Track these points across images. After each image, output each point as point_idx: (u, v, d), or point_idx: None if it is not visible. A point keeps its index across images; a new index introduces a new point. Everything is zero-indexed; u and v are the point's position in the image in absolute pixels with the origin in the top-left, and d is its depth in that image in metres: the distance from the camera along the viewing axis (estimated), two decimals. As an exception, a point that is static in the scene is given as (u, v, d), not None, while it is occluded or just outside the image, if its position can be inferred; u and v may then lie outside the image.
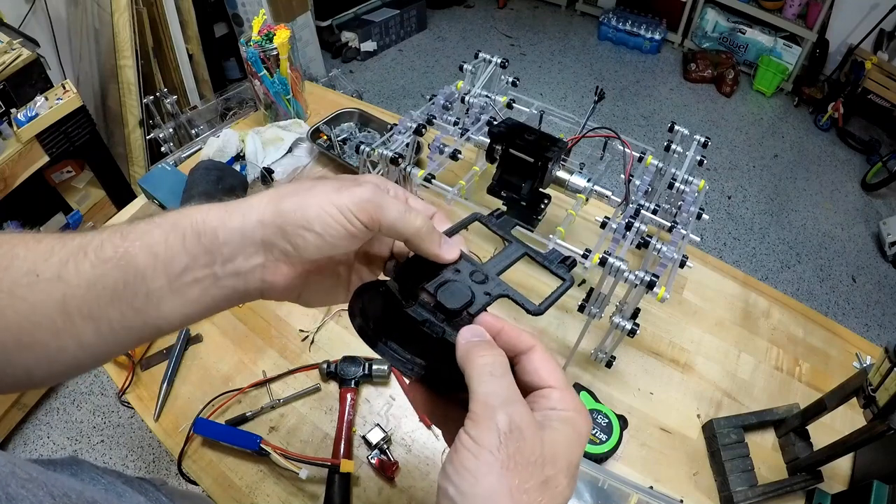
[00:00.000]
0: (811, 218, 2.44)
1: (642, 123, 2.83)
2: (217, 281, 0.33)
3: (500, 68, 0.93)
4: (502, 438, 0.26)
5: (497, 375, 0.28)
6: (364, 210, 0.32)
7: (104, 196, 1.78)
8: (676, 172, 0.78)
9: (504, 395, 0.27)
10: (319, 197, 0.32)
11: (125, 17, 1.70)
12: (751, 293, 0.94)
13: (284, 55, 1.07)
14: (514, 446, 0.25)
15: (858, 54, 2.73)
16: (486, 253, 0.95)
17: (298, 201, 0.32)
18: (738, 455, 0.71)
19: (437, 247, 0.34)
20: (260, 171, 1.00)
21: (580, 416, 0.29)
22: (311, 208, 0.32)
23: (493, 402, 0.27)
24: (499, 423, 0.26)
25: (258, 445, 0.68)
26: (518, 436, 0.26)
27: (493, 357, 0.29)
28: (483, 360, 0.29)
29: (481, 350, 0.29)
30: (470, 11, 3.62)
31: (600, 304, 0.72)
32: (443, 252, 0.34)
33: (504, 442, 0.25)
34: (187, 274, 0.32)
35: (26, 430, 1.58)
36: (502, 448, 0.25)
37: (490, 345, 0.30)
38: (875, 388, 0.59)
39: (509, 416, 0.26)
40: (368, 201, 0.32)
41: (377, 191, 0.33)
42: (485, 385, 0.28)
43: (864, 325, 2.05)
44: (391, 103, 2.84)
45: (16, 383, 0.32)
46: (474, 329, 0.31)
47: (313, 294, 0.37)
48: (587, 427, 0.30)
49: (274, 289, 0.35)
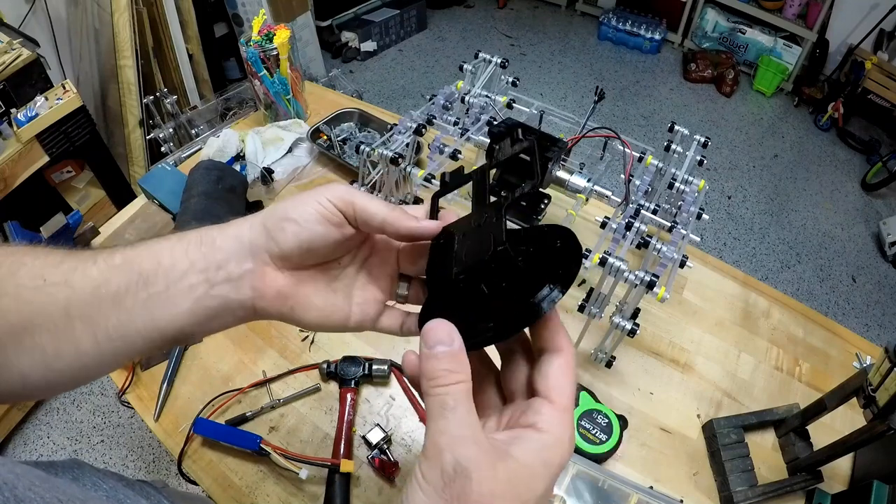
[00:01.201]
0: (811, 218, 2.44)
1: (642, 123, 2.83)
2: (211, 288, 0.33)
3: (500, 68, 0.93)
4: (446, 480, 0.25)
5: (449, 408, 0.27)
6: (339, 197, 0.33)
7: (104, 196, 1.78)
8: (676, 172, 0.78)
9: (453, 434, 0.26)
10: (300, 197, 0.34)
11: (125, 17, 1.70)
12: (751, 293, 0.94)
13: (284, 55, 1.07)
14: (458, 488, 0.25)
15: (858, 54, 2.73)
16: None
17: (281, 203, 0.35)
18: (738, 455, 0.71)
19: (413, 220, 0.34)
20: (260, 171, 1.00)
21: (559, 447, 0.28)
22: (289, 202, 0.34)
23: (441, 442, 0.26)
24: (444, 463, 0.25)
25: (258, 445, 0.68)
26: (463, 478, 0.25)
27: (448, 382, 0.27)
28: (436, 389, 0.27)
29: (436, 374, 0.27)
30: (470, 11, 3.62)
31: (600, 304, 0.72)
32: (421, 225, 0.34)
33: (447, 483, 0.25)
34: (184, 279, 0.33)
35: (26, 430, 1.58)
36: (446, 489, 0.25)
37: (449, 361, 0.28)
38: (875, 388, 0.59)
39: (455, 457, 0.25)
40: (344, 190, 0.34)
41: (351, 187, 0.35)
42: (435, 421, 0.27)
43: (864, 325, 2.05)
44: (391, 103, 2.84)
45: (10, 391, 0.33)
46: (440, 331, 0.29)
47: (307, 308, 0.36)
48: (563, 458, 0.28)
49: (264, 297, 0.34)
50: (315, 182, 1.08)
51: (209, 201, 0.88)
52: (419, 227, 0.34)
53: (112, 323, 0.32)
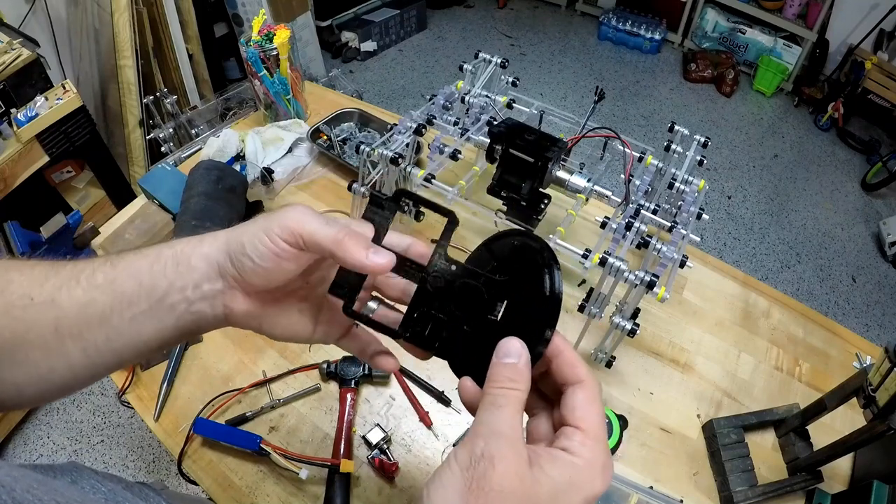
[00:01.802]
0: (811, 218, 2.44)
1: (642, 123, 2.83)
2: (190, 305, 0.35)
3: (500, 68, 0.93)
4: (473, 461, 0.27)
5: (499, 406, 0.29)
6: (286, 229, 0.32)
7: (104, 196, 1.78)
8: (676, 172, 0.78)
9: (494, 427, 0.28)
10: (256, 224, 0.33)
11: (125, 17, 1.70)
12: (751, 293, 0.94)
13: (284, 55, 1.07)
14: (480, 471, 0.26)
15: (858, 54, 2.73)
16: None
17: (241, 230, 0.34)
18: (738, 455, 0.71)
19: (361, 254, 0.32)
20: (260, 171, 1.00)
21: (590, 471, 0.28)
22: (246, 235, 0.33)
23: (481, 430, 0.28)
24: (474, 447, 0.27)
25: (258, 445, 0.68)
26: (487, 464, 0.27)
27: (506, 386, 0.30)
28: (493, 390, 0.30)
29: (498, 379, 0.30)
30: (470, 11, 3.62)
31: (600, 304, 0.72)
32: (369, 260, 0.32)
33: (473, 465, 0.27)
34: (166, 299, 0.34)
35: (26, 430, 1.58)
36: (470, 469, 0.27)
37: (512, 371, 0.30)
38: (875, 388, 0.59)
39: (487, 444, 0.27)
40: (292, 219, 0.32)
41: (306, 210, 0.33)
42: (483, 412, 0.29)
43: (864, 325, 2.05)
44: (391, 103, 2.84)
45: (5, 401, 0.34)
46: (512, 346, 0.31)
47: (274, 326, 0.38)
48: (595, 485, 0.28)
49: (235, 315, 0.36)
50: (315, 182, 1.08)
51: (209, 201, 0.88)
52: (364, 264, 0.32)
53: (101, 339, 0.34)
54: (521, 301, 0.33)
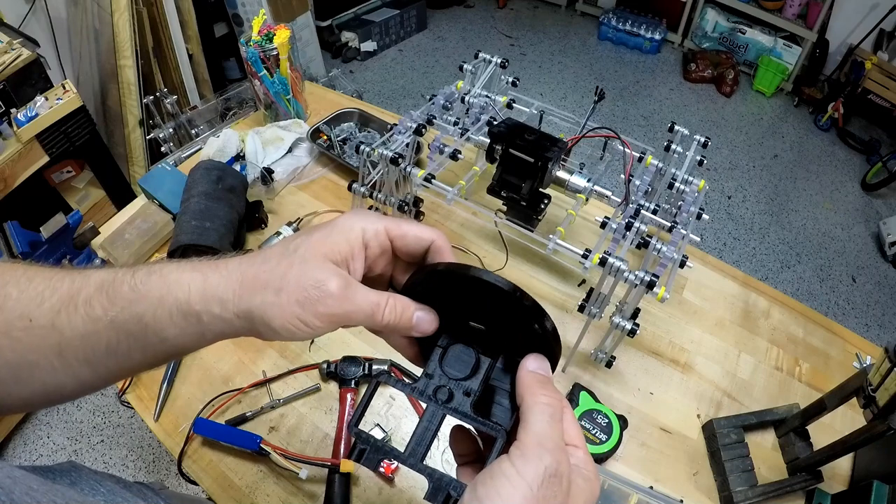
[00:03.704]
0: (811, 218, 2.44)
1: (642, 123, 2.83)
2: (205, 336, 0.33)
3: (500, 68, 0.92)
4: (545, 479, 0.27)
5: (556, 420, 0.30)
6: (325, 317, 0.31)
7: (104, 196, 1.78)
8: (676, 172, 0.78)
9: (557, 442, 0.29)
10: (284, 308, 0.31)
11: (125, 17, 1.70)
12: (751, 293, 0.94)
13: (284, 55, 1.07)
14: (551, 491, 0.27)
15: (858, 54, 2.73)
16: (485, 252, 0.95)
17: (263, 309, 0.31)
18: (738, 455, 0.71)
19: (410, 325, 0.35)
20: (260, 171, 1.00)
21: (597, 481, 0.31)
22: (276, 320, 0.31)
23: (548, 445, 0.28)
24: (547, 464, 0.27)
25: (258, 445, 0.68)
26: (557, 482, 0.27)
27: (554, 400, 0.31)
28: (546, 399, 0.30)
29: (545, 389, 0.31)
30: (470, 11, 3.62)
31: (600, 304, 0.72)
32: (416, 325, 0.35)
33: (545, 483, 0.27)
34: (178, 338, 0.33)
35: (26, 430, 1.58)
36: (542, 488, 0.27)
37: (552, 384, 0.32)
38: (875, 388, 0.59)
39: (558, 462, 0.28)
40: (332, 304, 0.31)
41: (343, 289, 0.31)
42: (544, 425, 0.29)
43: (864, 325, 2.05)
44: (391, 103, 2.84)
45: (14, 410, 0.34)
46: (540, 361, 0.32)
47: None
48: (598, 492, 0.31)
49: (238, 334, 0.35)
50: (315, 182, 1.08)
51: (209, 201, 0.88)
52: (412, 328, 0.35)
53: (112, 364, 0.33)
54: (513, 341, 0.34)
